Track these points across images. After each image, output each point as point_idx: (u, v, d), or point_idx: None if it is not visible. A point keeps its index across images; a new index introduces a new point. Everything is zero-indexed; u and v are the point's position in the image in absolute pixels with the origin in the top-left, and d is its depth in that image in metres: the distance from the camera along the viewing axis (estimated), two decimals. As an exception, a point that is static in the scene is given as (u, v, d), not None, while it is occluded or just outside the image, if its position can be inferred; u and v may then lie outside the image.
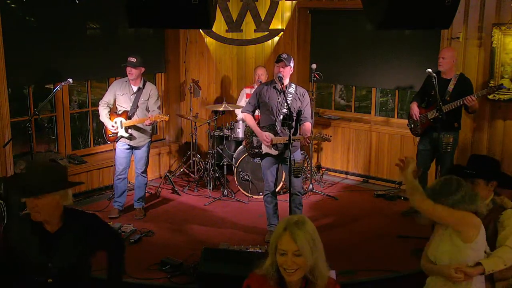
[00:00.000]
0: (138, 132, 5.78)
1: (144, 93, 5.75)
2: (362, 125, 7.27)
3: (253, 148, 5.34)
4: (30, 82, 6.24)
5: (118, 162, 5.85)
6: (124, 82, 5.77)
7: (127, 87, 5.73)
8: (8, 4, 5.90)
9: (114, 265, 2.97)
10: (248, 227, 5.69)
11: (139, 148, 5.85)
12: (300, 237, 2.15)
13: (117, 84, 5.81)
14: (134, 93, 5.72)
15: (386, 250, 5.10)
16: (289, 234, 2.16)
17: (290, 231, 2.17)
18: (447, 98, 5.47)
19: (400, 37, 6.97)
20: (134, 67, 5.61)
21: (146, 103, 5.76)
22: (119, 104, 5.77)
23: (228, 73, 7.78)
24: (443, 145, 5.44)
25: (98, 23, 6.93)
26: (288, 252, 2.16)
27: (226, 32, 7.51)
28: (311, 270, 2.20)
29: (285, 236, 2.17)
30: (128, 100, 5.72)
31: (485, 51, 6.01)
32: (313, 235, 2.20)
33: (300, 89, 5.29)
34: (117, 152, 5.85)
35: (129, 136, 5.73)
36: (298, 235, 2.15)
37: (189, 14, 3.46)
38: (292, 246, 2.15)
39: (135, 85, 5.73)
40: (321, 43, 7.54)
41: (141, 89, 5.74)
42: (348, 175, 7.41)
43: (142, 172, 5.93)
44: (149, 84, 5.86)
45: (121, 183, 5.88)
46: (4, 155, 5.67)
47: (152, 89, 5.82)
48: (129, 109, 5.71)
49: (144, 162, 5.92)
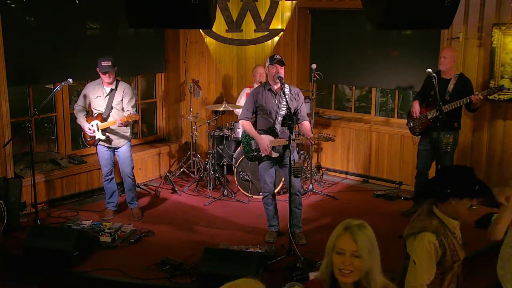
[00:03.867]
0: (116, 134, 5.67)
1: (118, 93, 5.61)
2: (362, 125, 7.27)
3: (251, 151, 5.30)
4: (30, 82, 6.24)
5: (102, 164, 5.78)
6: (97, 84, 5.63)
7: (100, 89, 5.59)
8: (8, 4, 5.90)
9: None
10: (248, 227, 5.69)
11: (119, 149, 5.75)
12: (361, 238, 2.18)
13: (89, 87, 5.67)
14: (108, 95, 5.59)
15: (386, 250, 5.07)
16: (350, 234, 2.20)
17: (352, 231, 2.20)
18: (447, 98, 5.47)
19: (400, 37, 6.97)
20: (112, 71, 5.50)
21: (121, 104, 5.63)
22: (94, 107, 5.65)
23: (228, 73, 7.78)
24: (443, 145, 5.45)
25: (98, 23, 6.92)
26: (347, 251, 2.18)
27: (226, 32, 7.51)
28: (366, 275, 2.21)
29: (346, 236, 2.20)
30: (102, 102, 5.59)
31: (485, 51, 6.01)
32: (372, 240, 2.23)
33: (294, 89, 5.29)
34: (99, 154, 5.77)
35: (106, 138, 5.63)
36: (359, 235, 2.19)
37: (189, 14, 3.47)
38: (352, 246, 2.18)
39: (108, 87, 5.59)
40: (321, 43, 7.54)
41: (113, 90, 5.61)
42: (348, 175, 7.41)
43: (129, 173, 5.84)
44: (122, 83, 5.72)
45: (109, 183, 5.84)
46: (4, 155, 5.67)
47: (125, 88, 5.66)
48: (103, 111, 5.59)
49: (128, 163, 5.82)
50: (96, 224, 5.49)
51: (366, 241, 2.19)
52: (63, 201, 6.26)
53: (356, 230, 2.20)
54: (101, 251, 5.01)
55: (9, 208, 5.36)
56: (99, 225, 5.44)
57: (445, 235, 2.74)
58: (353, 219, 2.33)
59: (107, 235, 5.17)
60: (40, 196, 5.87)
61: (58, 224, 5.58)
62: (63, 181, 6.27)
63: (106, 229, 5.31)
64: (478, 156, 6.25)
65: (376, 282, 2.23)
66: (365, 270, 2.19)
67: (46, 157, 6.31)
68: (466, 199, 2.74)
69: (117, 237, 5.23)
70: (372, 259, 2.20)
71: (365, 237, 2.20)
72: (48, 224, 5.60)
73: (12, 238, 5.20)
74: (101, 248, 5.05)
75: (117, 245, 5.12)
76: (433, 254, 2.69)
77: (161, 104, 7.67)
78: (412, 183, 6.20)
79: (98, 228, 5.37)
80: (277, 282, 4.38)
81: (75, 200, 6.35)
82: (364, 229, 2.23)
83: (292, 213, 5.01)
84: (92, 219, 5.68)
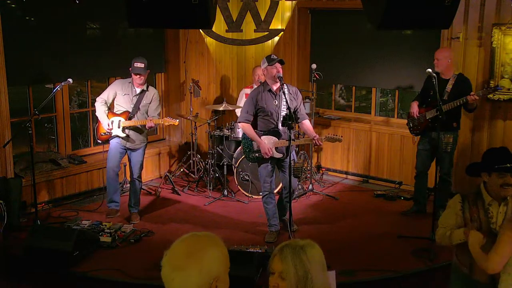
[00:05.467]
0: (136, 134, 5.70)
1: (147, 96, 5.68)
2: (362, 125, 7.26)
3: (253, 152, 5.28)
4: (30, 82, 6.24)
5: (111, 157, 5.72)
6: (128, 82, 5.69)
7: (129, 88, 5.66)
8: (8, 4, 5.90)
9: None
10: (248, 227, 5.69)
11: (135, 151, 5.76)
12: (288, 260, 2.05)
13: (119, 83, 5.74)
14: (137, 95, 5.65)
15: (386, 250, 5.10)
16: (279, 255, 2.09)
17: (282, 252, 2.08)
18: (445, 98, 5.46)
19: (400, 37, 6.97)
20: (144, 73, 5.57)
21: (147, 107, 5.70)
22: (118, 103, 5.69)
23: (228, 73, 7.78)
24: (443, 145, 5.45)
25: (98, 23, 6.93)
26: (276, 271, 2.09)
27: (226, 32, 7.51)
28: None
29: (276, 256, 2.10)
30: (129, 101, 5.65)
31: (485, 51, 6.01)
32: (307, 266, 2.04)
33: (292, 88, 5.29)
34: (110, 148, 5.74)
35: (126, 136, 5.66)
36: (287, 257, 2.06)
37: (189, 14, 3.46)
38: (278, 267, 2.07)
39: (138, 87, 5.66)
40: (321, 43, 7.54)
41: (144, 91, 5.67)
42: (348, 175, 7.41)
43: (138, 176, 5.85)
44: (152, 88, 5.81)
45: (113, 180, 5.78)
46: (4, 155, 5.67)
47: (155, 94, 5.76)
48: (131, 110, 5.64)
49: (140, 166, 5.83)
50: (96, 224, 5.48)
51: (294, 264, 2.04)
52: (63, 201, 6.26)
53: (286, 251, 2.07)
54: (101, 251, 5.01)
55: (9, 208, 5.36)
56: (99, 225, 5.44)
57: (473, 203, 3.08)
58: (300, 239, 2.17)
59: (107, 235, 5.17)
60: (40, 196, 5.88)
61: (58, 224, 5.57)
62: (63, 181, 6.27)
63: (106, 229, 5.31)
64: (478, 156, 6.21)
65: None
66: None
67: (46, 157, 6.32)
68: (495, 175, 2.96)
69: (117, 237, 5.23)
70: (304, 283, 2.03)
71: (294, 260, 2.04)
72: (48, 224, 5.60)
73: (12, 238, 5.20)
74: (101, 248, 5.05)
75: (117, 245, 5.12)
76: (453, 210, 3.15)
77: (161, 104, 7.67)
78: (412, 183, 6.19)
79: (98, 228, 5.37)
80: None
81: (75, 200, 6.36)
82: (300, 252, 2.06)
83: (283, 207, 5.05)
84: (92, 219, 5.68)
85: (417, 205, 5.96)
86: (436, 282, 4.57)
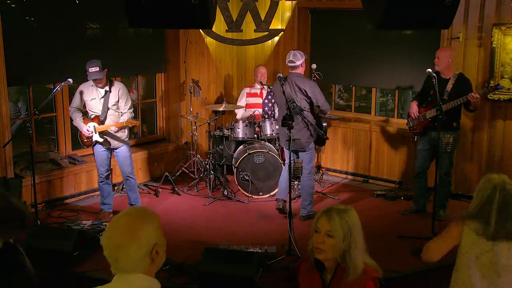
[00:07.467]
0: (113, 136, 5.61)
1: (113, 95, 5.53)
2: (362, 125, 7.26)
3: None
4: (30, 82, 6.24)
5: (99, 164, 5.71)
6: (90, 86, 5.52)
7: (94, 91, 5.51)
8: (8, 4, 5.91)
9: None
10: (248, 227, 5.69)
11: (119, 149, 5.68)
12: (335, 220, 2.40)
13: (83, 88, 5.56)
14: (103, 97, 5.51)
15: (386, 250, 5.10)
16: (326, 216, 2.43)
17: (328, 214, 2.43)
18: (445, 98, 5.46)
19: (400, 37, 6.97)
20: (101, 77, 5.40)
21: (117, 105, 5.57)
22: (90, 109, 5.57)
23: (228, 73, 7.78)
24: (443, 144, 5.45)
25: (98, 23, 6.93)
26: (322, 230, 2.42)
27: (226, 32, 7.51)
28: (342, 256, 2.40)
29: (323, 217, 2.44)
30: (98, 104, 5.52)
31: (485, 51, 6.01)
32: (350, 225, 2.42)
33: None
34: (95, 154, 5.70)
35: (105, 141, 5.57)
36: (334, 218, 2.41)
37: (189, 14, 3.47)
38: (326, 226, 2.41)
39: (102, 88, 5.50)
40: (321, 43, 7.54)
41: (108, 92, 5.51)
42: (348, 175, 7.41)
43: (129, 174, 5.79)
44: (117, 83, 5.63)
45: (105, 184, 5.77)
46: (4, 155, 5.67)
47: (120, 89, 5.57)
48: (100, 114, 5.52)
49: (128, 163, 5.77)
50: (96, 224, 5.48)
51: (340, 223, 2.40)
52: (63, 201, 6.26)
53: (333, 213, 2.43)
54: (101, 251, 4.99)
55: (9, 208, 5.35)
56: (99, 225, 5.44)
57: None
58: (340, 204, 2.59)
59: (107, 235, 5.16)
60: (40, 196, 5.87)
61: (58, 224, 5.58)
62: (63, 181, 6.27)
63: (106, 229, 5.30)
64: (478, 156, 6.25)
65: (355, 262, 2.39)
66: (340, 250, 2.39)
67: (46, 157, 6.32)
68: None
69: (117, 237, 5.22)
70: (348, 242, 2.39)
71: (340, 220, 2.41)
72: (48, 224, 5.60)
73: (12, 238, 5.19)
74: (101, 248, 5.04)
75: (117, 245, 5.11)
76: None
77: (161, 104, 7.67)
78: (412, 183, 6.20)
79: (98, 228, 5.37)
80: (277, 282, 4.39)
81: (75, 200, 6.36)
82: (343, 213, 2.44)
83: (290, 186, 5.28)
84: (92, 219, 5.68)
85: (417, 205, 5.96)
86: (436, 282, 4.57)
